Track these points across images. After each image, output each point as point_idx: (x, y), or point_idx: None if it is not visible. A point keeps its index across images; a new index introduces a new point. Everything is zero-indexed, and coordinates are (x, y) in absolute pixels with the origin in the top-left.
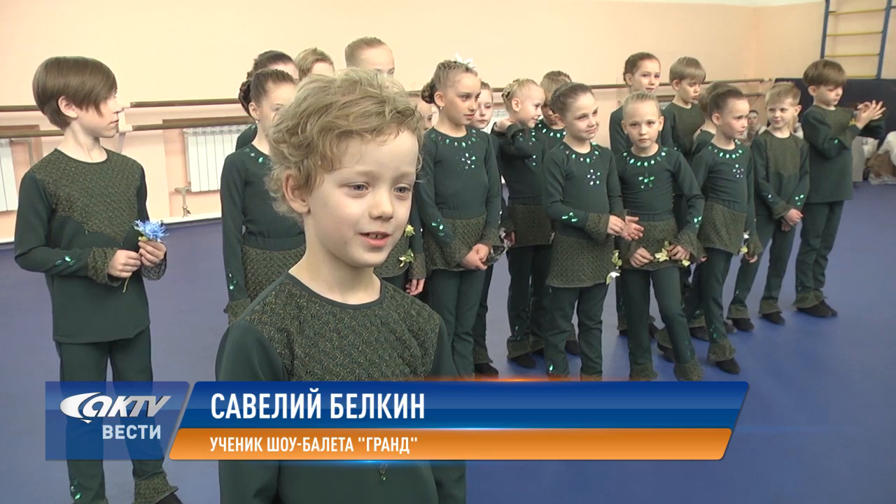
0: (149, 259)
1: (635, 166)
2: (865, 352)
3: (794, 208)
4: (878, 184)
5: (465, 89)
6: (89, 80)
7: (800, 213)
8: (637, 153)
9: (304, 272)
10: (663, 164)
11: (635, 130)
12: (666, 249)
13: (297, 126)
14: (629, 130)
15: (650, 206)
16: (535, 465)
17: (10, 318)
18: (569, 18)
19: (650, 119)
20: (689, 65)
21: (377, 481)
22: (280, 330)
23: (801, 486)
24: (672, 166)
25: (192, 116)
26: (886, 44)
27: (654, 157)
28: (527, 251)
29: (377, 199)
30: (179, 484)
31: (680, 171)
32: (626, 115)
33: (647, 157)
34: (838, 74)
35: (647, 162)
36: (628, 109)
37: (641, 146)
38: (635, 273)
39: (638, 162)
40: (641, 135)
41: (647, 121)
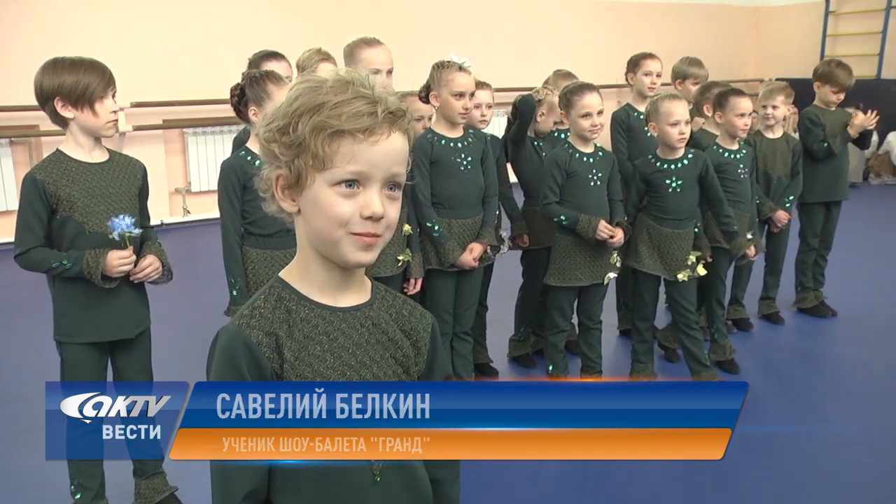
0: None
1: (662, 169)
2: (865, 352)
3: (783, 209)
4: (878, 184)
5: (459, 88)
6: (83, 80)
7: (787, 215)
8: (664, 155)
9: (294, 274)
10: (692, 168)
11: (674, 130)
12: (695, 259)
13: (289, 125)
14: (665, 130)
15: (676, 212)
16: (535, 465)
17: (10, 317)
18: (568, 18)
19: (687, 119)
20: (693, 65)
21: (371, 482)
22: (268, 334)
23: (801, 486)
24: (701, 170)
25: (192, 116)
26: (886, 44)
27: (682, 159)
28: (541, 253)
29: (368, 199)
30: (179, 484)
31: (708, 174)
32: (662, 115)
33: (674, 159)
34: (847, 78)
35: (674, 164)
36: (663, 109)
37: (676, 146)
38: (649, 276)
39: (665, 164)
40: (682, 134)
41: (685, 120)
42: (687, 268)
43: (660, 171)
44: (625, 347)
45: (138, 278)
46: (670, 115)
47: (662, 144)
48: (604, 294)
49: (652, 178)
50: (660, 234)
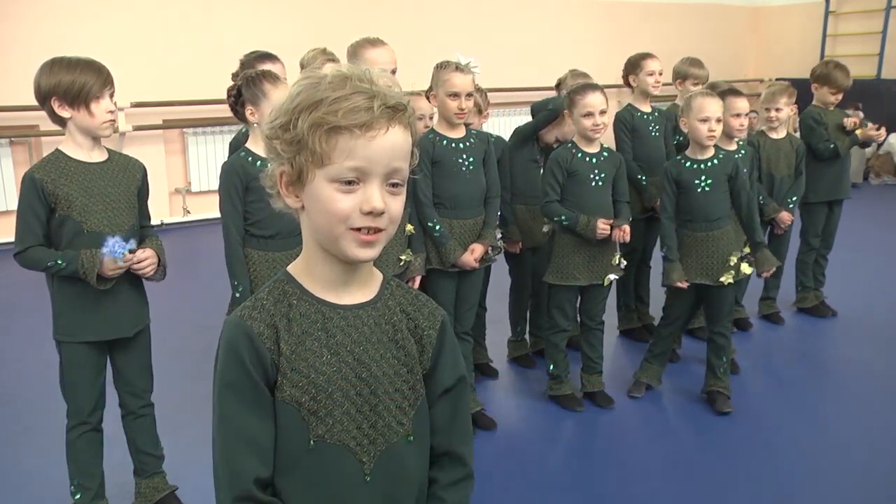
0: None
1: (691, 169)
2: (865, 352)
3: (786, 210)
4: (879, 184)
5: (453, 88)
6: (80, 80)
7: (791, 216)
8: (693, 154)
9: (300, 269)
10: (721, 168)
11: (704, 126)
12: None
13: (289, 122)
14: (694, 126)
15: (707, 213)
16: (535, 465)
17: (10, 317)
18: (569, 19)
19: (719, 116)
20: (693, 65)
21: (361, 482)
22: (269, 326)
23: (801, 486)
24: (731, 171)
25: (192, 116)
26: (886, 44)
27: (712, 158)
28: (525, 253)
29: (368, 194)
30: (179, 484)
31: (738, 177)
32: (693, 111)
33: (704, 158)
34: (845, 79)
35: (703, 164)
36: (696, 105)
37: (706, 143)
38: (690, 285)
39: (694, 164)
40: (711, 131)
41: (717, 118)
42: (731, 269)
43: (689, 170)
44: (625, 347)
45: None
46: (701, 111)
47: (693, 143)
48: (606, 295)
49: (682, 180)
50: (693, 240)
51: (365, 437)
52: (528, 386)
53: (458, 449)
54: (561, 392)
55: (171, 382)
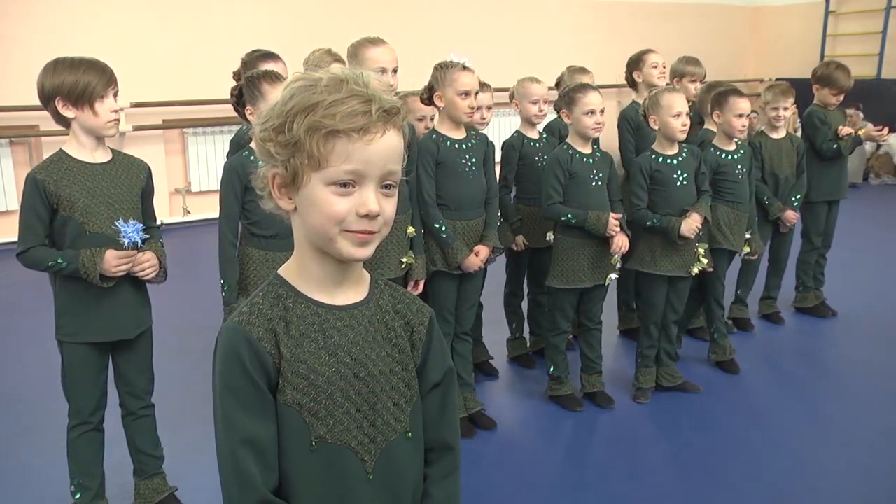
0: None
1: (668, 164)
2: (865, 352)
3: (791, 209)
4: (878, 184)
5: (464, 87)
6: (83, 79)
7: (796, 214)
8: (664, 150)
9: (292, 271)
10: (691, 160)
11: (677, 122)
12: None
13: (284, 125)
14: (667, 122)
15: (683, 205)
16: (536, 465)
17: (10, 317)
18: (568, 18)
19: (687, 110)
20: (689, 63)
21: (364, 480)
22: (268, 330)
23: (801, 486)
24: (697, 162)
25: (192, 116)
26: (886, 44)
27: (681, 153)
28: (523, 251)
29: (363, 197)
30: (179, 484)
31: (699, 169)
32: (664, 108)
33: (675, 153)
34: (846, 80)
35: (676, 159)
36: (665, 102)
37: (678, 138)
38: (659, 278)
39: (667, 160)
40: (684, 125)
41: (686, 111)
42: (698, 261)
43: (666, 165)
44: (625, 347)
45: (134, 272)
46: (672, 107)
47: (662, 138)
48: (604, 295)
49: (658, 174)
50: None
51: (365, 436)
52: (528, 386)
53: (450, 441)
54: (561, 392)
55: (172, 382)
